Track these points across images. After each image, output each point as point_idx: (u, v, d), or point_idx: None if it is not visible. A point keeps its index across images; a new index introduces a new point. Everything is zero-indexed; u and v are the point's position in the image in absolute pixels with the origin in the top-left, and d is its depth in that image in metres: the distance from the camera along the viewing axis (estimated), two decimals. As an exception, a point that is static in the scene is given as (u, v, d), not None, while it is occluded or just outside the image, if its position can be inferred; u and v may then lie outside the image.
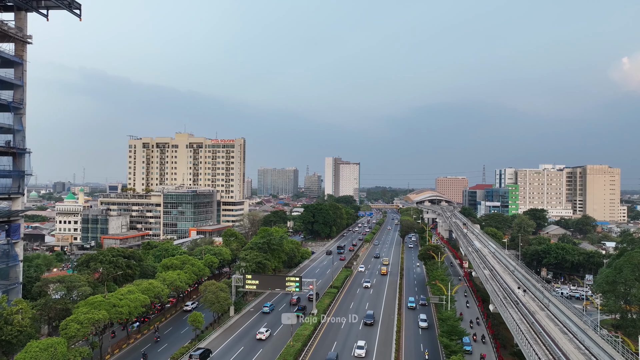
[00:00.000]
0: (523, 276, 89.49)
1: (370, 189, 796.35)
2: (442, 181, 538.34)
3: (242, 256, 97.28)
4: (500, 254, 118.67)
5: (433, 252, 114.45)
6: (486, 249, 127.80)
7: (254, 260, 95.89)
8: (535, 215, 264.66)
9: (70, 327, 62.54)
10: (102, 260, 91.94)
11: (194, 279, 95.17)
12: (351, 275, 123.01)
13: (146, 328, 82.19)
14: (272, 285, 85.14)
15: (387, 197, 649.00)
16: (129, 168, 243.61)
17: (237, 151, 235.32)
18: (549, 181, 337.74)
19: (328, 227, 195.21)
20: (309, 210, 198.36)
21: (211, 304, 77.97)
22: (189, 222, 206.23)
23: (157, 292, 79.05)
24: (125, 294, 74.36)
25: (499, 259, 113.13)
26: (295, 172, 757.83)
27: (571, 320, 59.38)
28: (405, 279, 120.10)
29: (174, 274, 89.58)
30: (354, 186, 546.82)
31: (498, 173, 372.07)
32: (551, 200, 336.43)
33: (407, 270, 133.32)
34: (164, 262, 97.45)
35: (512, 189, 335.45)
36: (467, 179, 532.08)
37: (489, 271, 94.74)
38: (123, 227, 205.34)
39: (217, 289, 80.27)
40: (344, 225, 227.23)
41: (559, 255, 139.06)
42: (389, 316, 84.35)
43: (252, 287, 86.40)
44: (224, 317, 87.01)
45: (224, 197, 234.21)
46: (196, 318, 72.32)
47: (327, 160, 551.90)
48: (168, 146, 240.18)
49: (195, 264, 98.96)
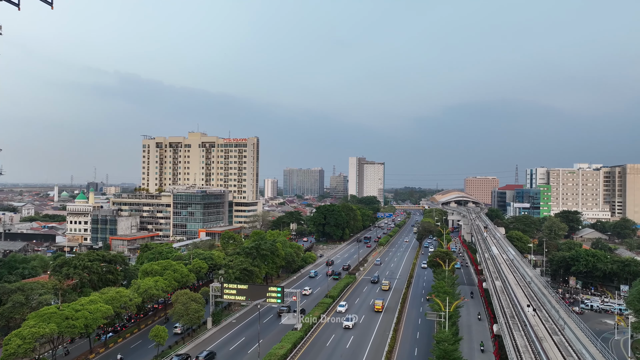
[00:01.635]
0: (539, 289, 77.85)
1: (398, 190, 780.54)
2: (471, 181, 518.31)
3: (226, 262, 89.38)
4: (518, 262, 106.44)
5: (441, 258, 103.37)
6: (505, 256, 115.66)
7: (239, 267, 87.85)
8: (567, 217, 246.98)
9: (12, 342, 56.25)
10: (76, 265, 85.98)
11: (174, 286, 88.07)
12: (354, 283, 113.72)
13: (120, 338, 75.57)
14: (253, 296, 76.84)
15: (415, 197, 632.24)
16: (142, 168, 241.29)
17: (250, 150, 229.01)
18: (585, 181, 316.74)
19: (340, 230, 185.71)
20: (320, 212, 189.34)
21: (179, 316, 70.40)
22: (198, 223, 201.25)
23: (123, 302, 72.15)
24: (86, 304, 67.74)
25: (516, 267, 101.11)
26: (321, 172, 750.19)
27: (588, 351, 48.27)
28: (413, 289, 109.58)
29: (151, 281, 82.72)
30: (379, 186, 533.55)
31: (529, 173, 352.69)
32: (586, 201, 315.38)
33: (417, 278, 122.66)
34: (143, 267, 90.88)
35: (544, 189, 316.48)
36: (497, 179, 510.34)
37: (501, 282, 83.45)
38: (133, 227, 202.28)
39: (188, 299, 72.62)
40: (359, 228, 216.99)
41: (589, 263, 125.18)
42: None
43: (230, 297, 78.42)
44: (201, 329, 79.53)
45: (236, 197, 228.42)
46: (158, 333, 64.82)
47: (350, 160, 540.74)
48: (181, 146, 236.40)
49: (177, 270, 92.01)
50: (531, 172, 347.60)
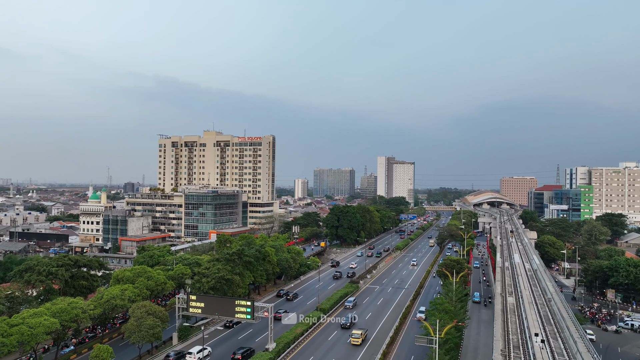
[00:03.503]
0: (559, 310, 64.55)
1: (433, 190, 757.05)
2: (507, 182, 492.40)
3: (200, 270, 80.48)
4: (541, 274, 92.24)
5: (450, 268, 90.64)
6: (527, 265, 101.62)
7: (215, 276, 78.76)
8: (611, 221, 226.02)
9: None
10: (39, 271, 79.45)
11: (145, 295, 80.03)
12: (357, 291, 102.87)
13: (75, 354, 68.05)
14: (220, 310, 67.64)
15: (449, 198, 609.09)
16: (158, 168, 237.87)
17: (265, 149, 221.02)
18: (632, 182, 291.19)
19: (354, 232, 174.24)
20: (334, 213, 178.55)
21: (131, 333, 61.93)
22: (209, 224, 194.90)
23: (74, 314, 64.44)
24: (27, 318, 60.50)
25: (538, 279, 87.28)
26: (352, 172, 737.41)
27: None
28: (420, 301, 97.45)
29: (117, 290, 74.99)
30: (409, 187, 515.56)
31: (569, 173, 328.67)
32: (634, 203, 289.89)
33: (427, 289, 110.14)
34: (115, 273, 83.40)
35: (585, 190, 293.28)
36: (536, 179, 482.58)
37: (514, 299, 70.59)
38: (144, 228, 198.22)
39: (143, 314, 64.05)
40: (378, 230, 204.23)
41: (631, 274, 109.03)
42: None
43: (196, 311, 69.38)
44: (166, 345, 71.06)
45: (251, 197, 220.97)
46: (99, 353, 56.53)
47: (379, 160, 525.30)
48: (196, 145, 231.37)
49: (152, 277, 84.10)
50: (571, 172, 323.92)
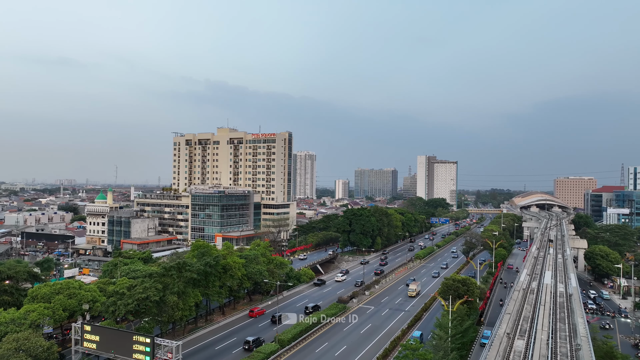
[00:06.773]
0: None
1: (482, 192, 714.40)
2: (562, 182, 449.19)
3: (115, 289, 64.55)
4: (575, 303, 68.93)
5: (453, 290, 69.74)
6: (561, 287, 78.45)
7: (137, 297, 62.73)
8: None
9: None
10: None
11: (62, 317, 65.45)
12: (343, 313, 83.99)
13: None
14: (116, 347, 51.53)
15: (498, 200, 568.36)
16: (173, 167, 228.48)
17: (280, 147, 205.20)
18: None
19: (368, 238, 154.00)
20: (346, 216, 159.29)
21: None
22: (215, 226, 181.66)
23: None
24: None
25: (569, 311, 64.54)
26: (394, 172, 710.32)
27: None
28: (420, 327, 77.15)
29: (14, 313, 60.84)
30: (451, 187, 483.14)
31: (632, 172, 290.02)
32: None
33: (434, 310, 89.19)
34: (31, 290, 69.48)
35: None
36: (595, 179, 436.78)
37: (523, 346, 49.47)
38: (150, 230, 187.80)
39: (11, 351, 48.97)
40: (399, 236, 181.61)
41: None
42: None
43: (91, 346, 53.65)
44: (60, 387, 55.94)
45: (265, 198, 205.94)
46: None
47: (419, 159, 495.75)
48: (209, 142, 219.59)
49: (76, 294, 69.50)
50: (635, 171, 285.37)
